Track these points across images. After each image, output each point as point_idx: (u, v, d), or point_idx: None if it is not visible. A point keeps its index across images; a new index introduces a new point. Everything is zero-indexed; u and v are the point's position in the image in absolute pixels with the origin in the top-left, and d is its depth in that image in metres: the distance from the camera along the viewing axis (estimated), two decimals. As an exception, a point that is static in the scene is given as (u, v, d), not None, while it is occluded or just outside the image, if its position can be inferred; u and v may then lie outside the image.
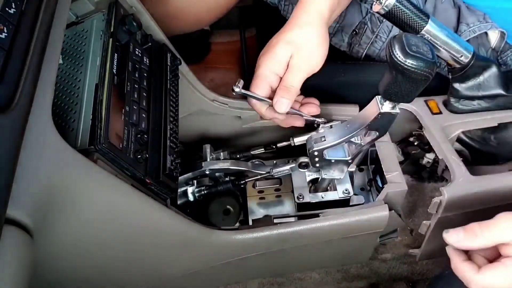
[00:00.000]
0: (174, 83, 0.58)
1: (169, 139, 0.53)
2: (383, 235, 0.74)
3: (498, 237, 0.45)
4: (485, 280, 0.45)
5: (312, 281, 0.84)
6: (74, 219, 0.41)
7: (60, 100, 0.48)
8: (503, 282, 0.44)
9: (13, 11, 0.35)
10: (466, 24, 0.73)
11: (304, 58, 0.60)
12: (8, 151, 0.31)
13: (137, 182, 0.47)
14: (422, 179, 0.84)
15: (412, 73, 0.41)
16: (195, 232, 0.56)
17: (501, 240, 0.45)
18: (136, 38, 0.55)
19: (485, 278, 0.45)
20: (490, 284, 0.44)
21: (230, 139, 0.79)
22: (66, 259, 0.47)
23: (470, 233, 0.46)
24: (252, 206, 0.73)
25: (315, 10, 0.60)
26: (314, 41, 0.59)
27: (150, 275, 0.62)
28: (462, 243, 0.47)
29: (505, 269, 0.44)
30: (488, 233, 0.45)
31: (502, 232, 0.45)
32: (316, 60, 0.60)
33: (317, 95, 0.70)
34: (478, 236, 0.46)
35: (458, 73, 0.63)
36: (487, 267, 0.45)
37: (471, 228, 0.47)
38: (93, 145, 0.42)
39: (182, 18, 0.82)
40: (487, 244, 0.46)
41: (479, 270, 0.45)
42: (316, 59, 0.60)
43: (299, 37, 0.59)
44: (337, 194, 0.67)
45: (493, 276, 0.44)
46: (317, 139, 0.56)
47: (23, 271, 0.31)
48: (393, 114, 0.49)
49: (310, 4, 0.60)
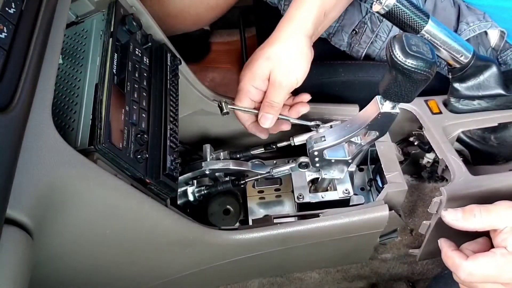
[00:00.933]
0: (174, 83, 0.58)
1: (169, 139, 0.53)
2: (383, 235, 0.74)
3: (495, 222, 0.45)
4: (473, 266, 0.45)
5: (312, 281, 0.84)
6: (74, 219, 0.41)
7: (60, 100, 0.48)
8: (489, 270, 0.44)
9: (13, 11, 0.35)
10: (466, 23, 0.73)
11: (283, 74, 0.60)
12: (8, 151, 0.31)
13: (137, 182, 0.47)
14: (422, 179, 0.84)
15: (412, 73, 0.41)
16: (195, 232, 0.56)
17: (496, 226, 0.45)
18: (136, 38, 0.55)
19: (473, 265, 0.45)
20: (477, 271, 0.45)
21: (230, 139, 0.79)
22: (66, 259, 0.47)
23: (469, 213, 0.47)
24: (252, 206, 0.73)
25: (298, 24, 0.59)
26: (293, 56, 0.59)
27: (150, 275, 0.62)
28: (459, 223, 0.47)
29: (493, 257, 0.44)
30: (486, 215, 0.46)
31: (499, 217, 0.45)
32: (296, 76, 0.60)
33: (317, 95, 0.70)
34: (476, 217, 0.46)
35: (458, 73, 0.63)
36: (475, 255, 0.46)
37: (470, 209, 0.47)
38: (93, 145, 0.42)
39: (182, 18, 0.82)
40: (482, 227, 0.46)
41: (467, 258, 0.46)
42: (295, 75, 0.60)
43: (278, 52, 0.59)
44: (337, 194, 0.67)
45: (480, 263, 0.44)
46: (317, 139, 0.56)
47: (23, 271, 0.31)
48: (393, 114, 0.49)
49: (293, 18, 0.60)
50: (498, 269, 0.44)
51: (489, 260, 0.44)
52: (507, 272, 0.43)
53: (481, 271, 0.44)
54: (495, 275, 0.44)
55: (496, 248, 0.45)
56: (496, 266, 0.44)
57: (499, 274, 0.44)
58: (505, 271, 0.43)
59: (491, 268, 0.44)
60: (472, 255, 0.46)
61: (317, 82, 0.67)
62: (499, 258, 0.44)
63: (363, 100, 0.55)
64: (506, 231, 0.44)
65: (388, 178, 0.63)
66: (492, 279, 0.44)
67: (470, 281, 0.46)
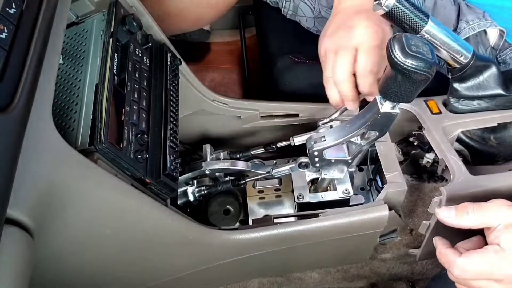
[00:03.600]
0: (174, 83, 0.59)
1: (169, 139, 0.53)
2: (383, 235, 0.74)
3: (487, 220, 0.46)
4: (466, 263, 0.45)
5: (312, 281, 0.84)
6: (74, 218, 0.41)
7: (60, 100, 0.48)
8: (482, 266, 0.44)
9: (13, 11, 0.35)
10: (466, 22, 0.73)
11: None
12: (8, 151, 0.31)
13: (137, 182, 0.48)
14: (422, 179, 0.84)
15: (412, 73, 0.41)
16: (195, 232, 0.56)
17: (489, 224, 0.46)
18: (136, 38, 0.55)
19: (466, 261, 0.45)
20: (470, 267, 0.45)
21: (230, 139, 0.79)
22: (66, 258, 0.47)
23: (462, 210, 0.47)
24: (252, 206, 0.73)
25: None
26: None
27: (150, 274, 0.62)
28: (452, 220, 0.48)
29: (486, 254, 0.44)
30: (479, 213, 0.46)
31: (492, 215, 0.45)
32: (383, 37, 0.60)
33: (317, 95, 0.70)
34: (469, 215, 0.46)
35: (458, 73, 0.63)
36: (469, 252, 0.46)
37: (463, 206, 0.47)
38: (93, 145, 0.42)
39: (182, 18, 0.82)
40: (476, 225, 0.46)
41: (461, 255, 0.46)
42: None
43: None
44: (337, 194, 0.67)
45: (473, 259, 0.45)
46: (317, 139, 0.56)
47: (23, 271, 0.31)
48: (393, 114, 0.49)
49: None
50: (491, 265, 0.44)
51: (482, 256, 0.45)
52: (500, 269, 0.44)
53: (474, 268, 0.45)
54: (488, 271, 0.44)
55: (489, 245, 0.45)
56: (489, 263, 0.44)
57: (492, 271, 0.44)
58: (498, 268, 0.44)
59: (484, 265, 0.44)
60: (466, 252, 0.46)
61: (317, 82, 0.67)
62: (492, 254, 0.44)
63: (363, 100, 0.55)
64: (499, 229, 0.45)
65: (388, 178, 0.63)
66: (485, 275, 0.45)
67: (464, 278, 0.46)
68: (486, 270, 0.44)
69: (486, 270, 0.44)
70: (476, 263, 0.45)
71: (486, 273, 0.45)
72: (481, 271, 0.45)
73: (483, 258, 0.44)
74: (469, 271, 0.45)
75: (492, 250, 0.44)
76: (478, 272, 0.45)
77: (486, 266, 0.44)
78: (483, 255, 0.45)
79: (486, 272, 0.45)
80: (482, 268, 0.44)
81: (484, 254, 0.45)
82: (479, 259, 0.45)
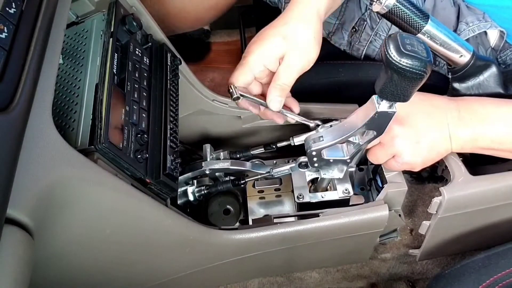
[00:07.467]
0: (174, 83, 0.59)
1: (169, 139, 0.53)
2: (383, 235, 0.74)
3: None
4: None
5: (312, 281, 0.85)
6: (74, 218, 0.41)
7: (60, 100, 0.48)
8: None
9: (13, 11, 0.35)
10: (466, 23, 0.72)
11: (300, 56, 0.59)
12: (8, 151, 0.31)
13: (137, 182, 0.48)
14: (422, 179, 0.84)
15: (407, 72, 0.41)
16: (195, 232, 0.56)
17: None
18: (136, 38, 0.55)
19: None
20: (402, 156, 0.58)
21: (230, 139, 0.79)
22: (66, 258, 0.47)
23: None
24: (252, 206, 0.73)
25: (314, 6, 0.59)
26: (310, 38, 0.58)
27: (150, 274, 0.62)
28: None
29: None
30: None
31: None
32: (310, 59, 0.59)
33: (317, 95, 0.70)
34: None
35: (458, 73, 0.63)
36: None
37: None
38: (93, 145, 0.42)
39: (182, 18, 0.82)
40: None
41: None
42: (310, 58, 0.59)
43: (296, 33, 0.58)
44: (337, 194, 0.67)
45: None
46: (315, 139, 0.56)
47: (24, 271, 0.31)
48: (390, 113, 0.49)
49: (308, 1, 0.59)
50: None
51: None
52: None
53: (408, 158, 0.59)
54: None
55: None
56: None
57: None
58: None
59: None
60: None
61: (317, 82, 0.67)
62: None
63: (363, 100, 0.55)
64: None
65: (388, 178, 0.63)
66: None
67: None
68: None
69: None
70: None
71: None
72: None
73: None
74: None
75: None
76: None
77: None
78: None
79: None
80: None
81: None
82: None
